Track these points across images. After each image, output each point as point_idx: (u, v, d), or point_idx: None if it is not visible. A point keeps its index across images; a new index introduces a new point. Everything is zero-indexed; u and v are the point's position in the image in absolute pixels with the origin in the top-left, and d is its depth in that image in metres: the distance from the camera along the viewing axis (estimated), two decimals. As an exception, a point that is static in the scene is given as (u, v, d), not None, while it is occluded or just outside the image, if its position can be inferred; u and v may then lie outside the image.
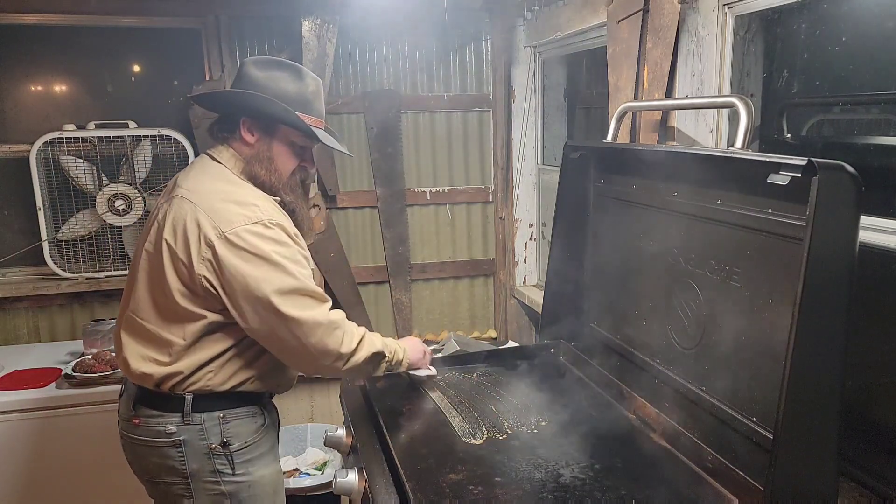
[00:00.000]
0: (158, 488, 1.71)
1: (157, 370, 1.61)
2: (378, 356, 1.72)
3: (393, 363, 1.78)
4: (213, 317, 1.59)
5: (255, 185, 1.67)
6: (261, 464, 1.72)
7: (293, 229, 1.65)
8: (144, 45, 3.19)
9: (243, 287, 1.53)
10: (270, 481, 1.76)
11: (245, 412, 1.69)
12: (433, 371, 1.94)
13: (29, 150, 2.89)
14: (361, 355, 1.67)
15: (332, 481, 1.61)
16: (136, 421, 1.65)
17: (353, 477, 1.58)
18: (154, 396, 1.64)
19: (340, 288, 3.29)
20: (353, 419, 1.80)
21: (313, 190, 3.15)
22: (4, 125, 3.07)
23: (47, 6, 2.92)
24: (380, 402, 1.83)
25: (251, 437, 1.70)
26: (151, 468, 1.68)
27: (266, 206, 1.61)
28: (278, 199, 1.68)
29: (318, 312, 1.58)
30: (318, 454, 3.06)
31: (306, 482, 2.79)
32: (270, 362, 1.70)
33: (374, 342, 1.71)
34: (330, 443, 1.84)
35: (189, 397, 1.62)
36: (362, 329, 1.70)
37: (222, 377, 1.64)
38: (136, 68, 3.24)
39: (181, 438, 1.62)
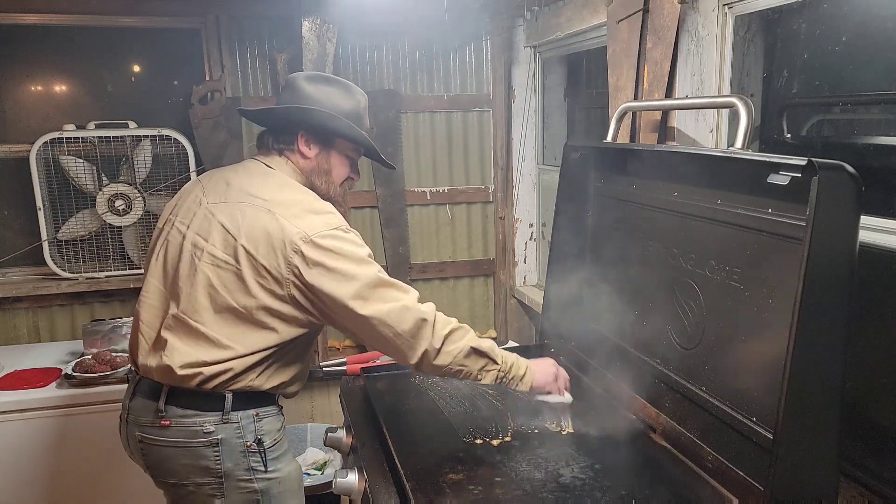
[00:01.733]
0: (185, 489, 1.67)
1: (205, 370, 1.59)
2: (480, 355, 1.65)
3: (510, 377, 1.69)
4: (283, 329, 1.61)
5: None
6: (286, 460, 1.75)
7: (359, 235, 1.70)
8: (144, 45, 3.19)
9: (331, 288, 1.55)
10: (296, 477, 1.79)
11: (272, 410, 1.72)
12: (567, 399, 1.77)
13: (29, 150, 2.89)
14: (456, 348, 1.61)
15: (332, 481, 1.61)
16: (167, 423, 1.62)
17: (353, 477, 1.58)
18: (193, 395, 1.62)
19: (340, 288, 3.29)
20: (353, 419, 1.81)
21: (313, 190, 3.16)
22: (4, 125, 3.08)
23: (47, 6, 2.92)
24: (380, 402, 1.83)
25: (278, 435, 1.72)
26: (180, 470, 1.65)
27: (337, 214, 1.67)
28: None
29: (406, 299, 1.60)
30: (318, 454, 3.06)
31: (306, 482, 2.79)
32: (302, 365, 1.73)
33: (478, 340, 1.66)
34: (330, 443, 1.84)
35: (230, 395, 1.61)
36: (464, 324, 1.68)
37: (265, 378, 1.65)
38: (136, 68, 3.24)
39: (219, 437, 1.62)
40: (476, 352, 1.64)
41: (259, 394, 1.66)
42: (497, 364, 1.66)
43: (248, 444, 1.64)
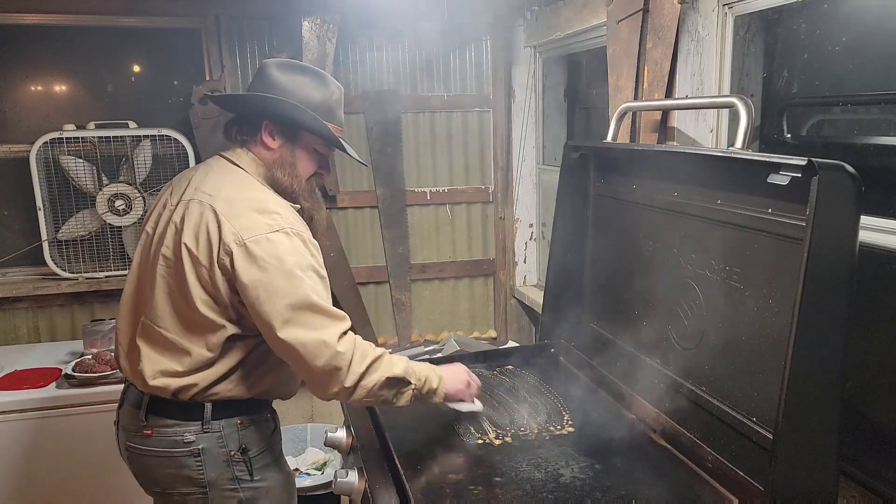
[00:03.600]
0: (171, 499, 1.65)
1: (176, 381, 1.55)
2: (398, 382, 1.57)
3: (424, 391, 1.63)
4: (231, 328, 1.55)
5: (277, 190, 1.63)
6: (276, 468, 1.71)
7: (312, 239, 1.59)
8: (144, 45, 3.19)
9: (255, 298, 1.47)
10: (287, 485, 1.75)
11: (260, 417, 1.67)
12: (477, 407, 1.73)
13: (29, 150, 2.89)
14: (371, 381, 1.52)
15: (332, 481, 1.61)
16: (148, 432, 1.59)
17: (353, 477, 1.58)
18: (171, 405, 1.58)
19: (340, 288, 3.29)
20: (353, 419, 1.80)
21: (313, 190, 3.15)
22: (4, 125, 3.07)
23: (47, 6, 2.92)
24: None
25: (266, 442, 1.68)
26: (164, 479, 1.62)
27: (287, 215, 1.56)
28: (297, 206, 1.65)
29: (326, 333, 1.48)
30: (318, 454, 3.06)
31: (306, 482, 2.79)
32: (287, 368, 1.64)
33: (394, 366, 1.57)
34: (330, 443, 1.84)
35: (209, 405, 1.58)
36: (380, 350, 1.57)
37: (244, 387, 1.60)
38: (136, 68, 3.24)
39: (200, 447, 1.58)
40: (391, 380, 1.56)
41: (244, 401, 1.62)
42: (411, 384, 1.59)
43: (232, 453, 1.60)
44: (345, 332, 1.52)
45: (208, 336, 1.54)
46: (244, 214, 1.51)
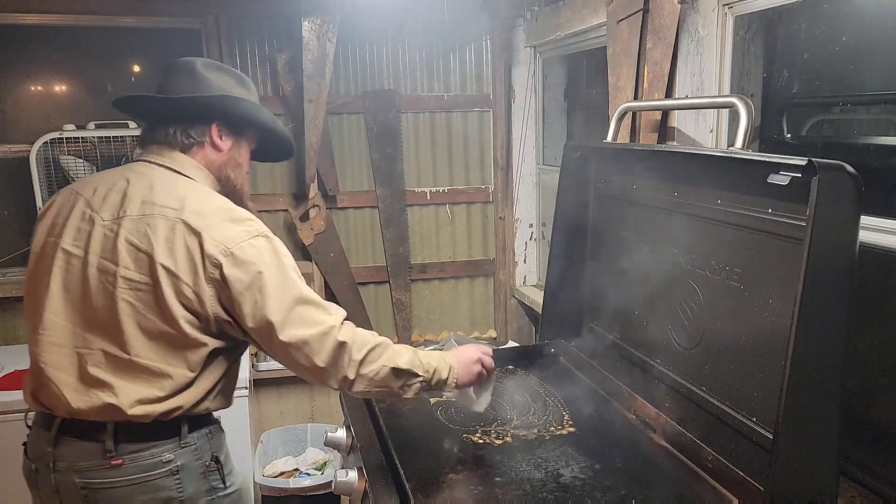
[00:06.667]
0: None
1: (159, 407, 1.48)
2: (403, 374, 1.51)
3: (434, 383, 1.56)
4: (213, 343, 1.50)
5: (225, 193, 1.59)
6: (236, 472, 1.70)
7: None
8: (144, 45, 3.19)
9: (252, 304, 1.44)
10: (248, 487, 1.77)
11: (217, 424, 1.65)
12: (480, 407, 1.68)
13: (29, 150, 2.89)
14: (372, 370, 1.48)
15: (332, 481, 1.61)
16: (118, 461, 1.48)
17: (353, 477, 1.58)
18: (145, 428, 1.50)
19: (340, 288, 3.29)
20: (353, 419, 1.81)
21: (313, 190, 3.16)
22: (4, 125, 3.08)
23: (47, 6, 2.92)
24: (380, 402, 1.83)
25: (225, 447, 1.66)
26: None
27: (256, 219, 1.53)
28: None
29: (325, 326, 1.46)
30: (318, 454, 3.06)
31: (306, 482, 2.79)
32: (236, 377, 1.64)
33: (399, 357, 1.51)
34: (330, 443, 1.84)
35: (186, 420, 1.54)
36: (381, 339, 1.52)
37: (224, 400, 1.59)
38: (136, 68, 3.24)
39: (179, 464, 1.53)
40: (395, 371, 1.50)
41: (211, 412, 1.60)
42: (419, 376, 1.53)
43: (207, 463, 1.57)
44: (342, 322, 1.49)
45: (189, 355, 1.48)
46: (220, 225, 1.46)
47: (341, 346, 1.46)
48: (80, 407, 1.48)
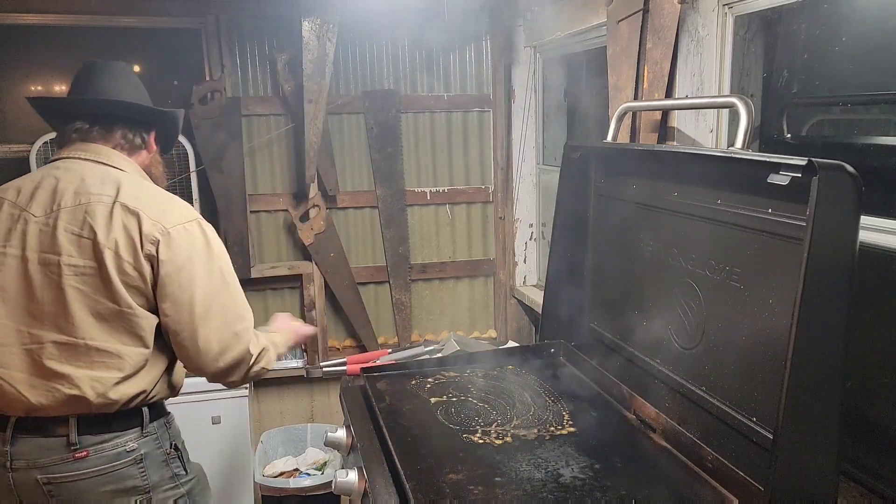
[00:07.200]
0: None
1: (124, 390, 1.53)
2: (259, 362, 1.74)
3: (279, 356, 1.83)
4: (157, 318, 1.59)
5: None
6: (191, 458, 1.77)
7: None
8: (144, 45, 3.19)
9: (177, 285, 1.53)
10: (203, 471, 1.83)
11: (171, 416, 1.74)
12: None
13: (29, 150, 2.89)
14: (253, 371, 1.71)
15: (332, 481, 1.61)
16: (82, 454, 1.52)
17: (353, 477, 1.58)
18: (107, 418, 1.54)
19: (340, 288, 3.29)
20: (353, 419, 1.80)
21: (313, 190, 3.16)
22: (4, 125, 3.08)
23: (47, 6, 2.92)
24: (380, 402, 1.83)
25: (181, 436, 1.75)
26: (102, 500, 1.56)
27: (190, 206, 1.66)
28: None
29: (240, 328, 1.62)
30: (318, 454, 3.06)
31: (306, 482, 2.79)
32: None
33: (270, 362, 1.75)
34: (330, 443, 1.84)
35: (146, 409, 1.60)
36: (262, 343, 1.72)
37: (172, 387, 1.69)
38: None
39: (142, 452, 1.59)
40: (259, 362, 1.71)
41: (163, 400, 1.69)
42: (270, 354, 1.75)
43: (168, 451, 1.65)
44: (250, 329, 1.66)
45: (139, 333, 1.54)
46: (156, 206, 1.56)
47: (247, 356, 1.63)
48: (42, 402, 1.50)
